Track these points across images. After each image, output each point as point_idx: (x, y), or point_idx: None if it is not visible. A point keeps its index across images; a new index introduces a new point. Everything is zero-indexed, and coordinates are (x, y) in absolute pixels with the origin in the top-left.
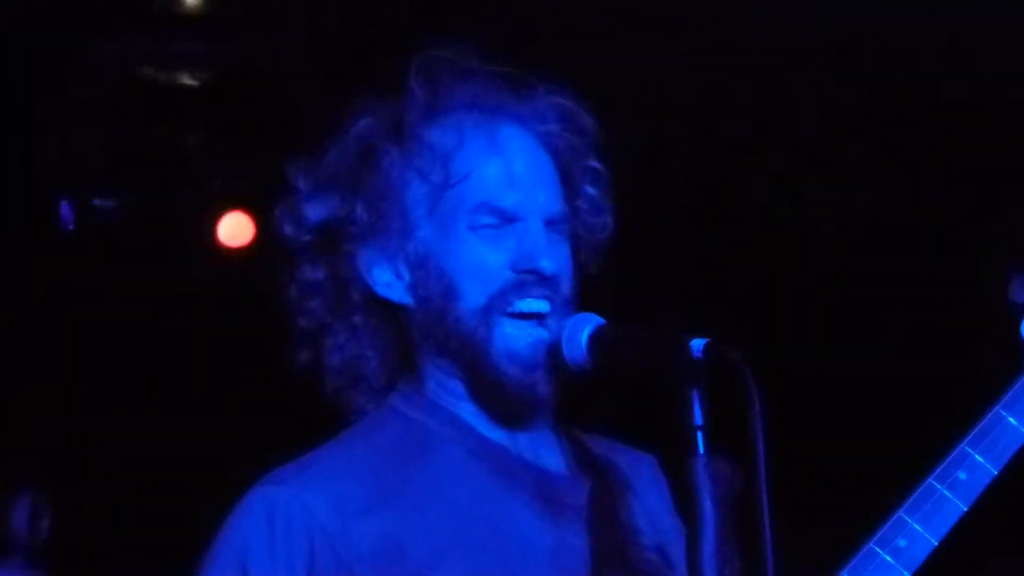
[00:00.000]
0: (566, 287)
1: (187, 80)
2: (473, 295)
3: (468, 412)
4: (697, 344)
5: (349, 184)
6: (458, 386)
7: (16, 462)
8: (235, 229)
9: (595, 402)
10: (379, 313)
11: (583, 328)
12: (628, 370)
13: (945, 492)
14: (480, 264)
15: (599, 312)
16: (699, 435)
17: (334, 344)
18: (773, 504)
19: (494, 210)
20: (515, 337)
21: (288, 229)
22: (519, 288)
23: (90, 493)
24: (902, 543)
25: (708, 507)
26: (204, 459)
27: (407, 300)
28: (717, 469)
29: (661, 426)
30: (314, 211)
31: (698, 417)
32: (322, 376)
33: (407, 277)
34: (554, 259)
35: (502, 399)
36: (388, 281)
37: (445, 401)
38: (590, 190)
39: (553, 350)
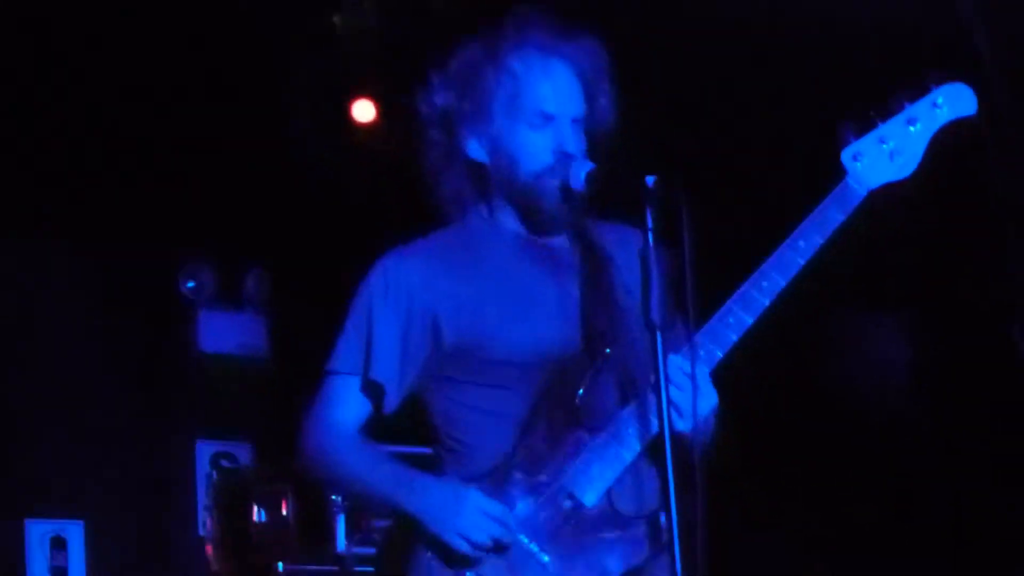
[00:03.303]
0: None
1: None
2: (529, 167)
3: (513, 225)
4: (650, 179)
5: (461, 86)
6: (510, 212)
7: (248, 243)
8: (364, 110)
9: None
10: (469, 167)
11: (583, 168)
12: (610, 195)
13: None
14: (533, 148)
15: None
16: (649, 233)
17: (445, 181)
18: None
19: (542, 113)
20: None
21: (423, 108)
22: (554, 167)
23: (301, 267)
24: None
25: (655, 274)
26: None
27: (486, 160)
28: (661, 254)
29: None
30: (440, 98)
31: (649, 222)
32: (436, 199)
33: (487, 148)
34: (576, 144)
35: (539, 219)
36: (475, 148)
37: (500, 220)
38: (603, 101)
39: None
